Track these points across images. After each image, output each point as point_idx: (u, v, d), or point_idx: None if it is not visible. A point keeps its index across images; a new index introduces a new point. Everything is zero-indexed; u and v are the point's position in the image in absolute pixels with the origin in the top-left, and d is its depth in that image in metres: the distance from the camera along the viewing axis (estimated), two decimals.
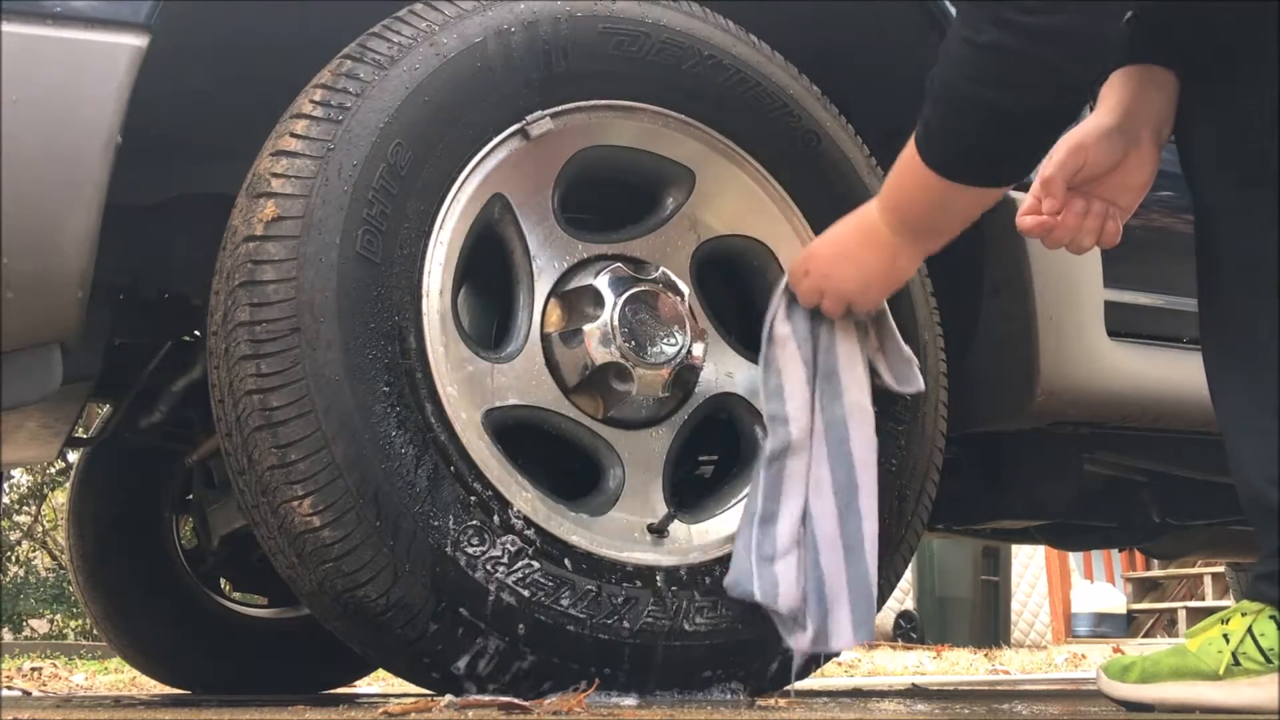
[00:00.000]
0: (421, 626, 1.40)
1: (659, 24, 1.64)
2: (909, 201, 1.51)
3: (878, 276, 1.58)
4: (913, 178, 1.48)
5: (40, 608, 9.10)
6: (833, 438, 1.59)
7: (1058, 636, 9.90)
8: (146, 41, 1.39)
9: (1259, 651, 1.41)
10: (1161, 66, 1.54)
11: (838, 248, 1.58)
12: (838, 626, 1.54)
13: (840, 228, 1.59)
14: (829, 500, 1.57)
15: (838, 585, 1.55)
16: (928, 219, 1.52)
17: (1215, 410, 1.51)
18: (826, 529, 1.56)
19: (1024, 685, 3.93)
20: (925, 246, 1.57)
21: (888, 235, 1.54)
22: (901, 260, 1.57)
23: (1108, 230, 1.51)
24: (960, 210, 1.51)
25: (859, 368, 1.62)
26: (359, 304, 1.41)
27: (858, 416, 1.60)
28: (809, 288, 1.60)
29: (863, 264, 1.57)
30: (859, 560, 1.57)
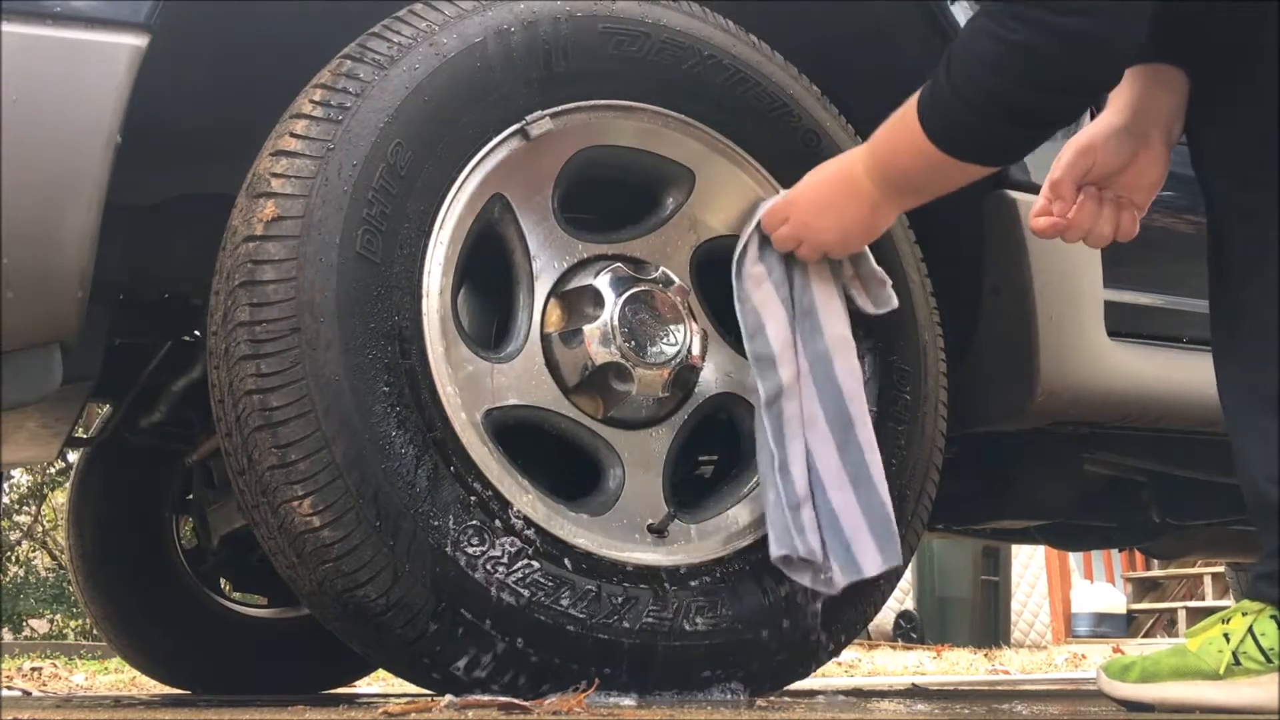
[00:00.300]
0: (421, 626, 1.40)
1: (659, 24, 1.64)
2: (899, 162, 1.53)
3: (857, 228, 1.60)
4: (908, 141, 1.50)
5: (40, 608, 9.10)
6: (819, 374, 1.61)
7: (1058, 636, 9.89)
8: (146, 41, 1.39)
9: (1259, 651, 1.41)
10: (1171, 66, 1.54)
11: (819, 197, 1.60)
12: (864, 555, 1.55)
13: (821, 178, 1.61)
14: (826, 437, 1.59)
15: (854, 518, 1.56)
16: (914, 181, 1.55)
17: (1223, 408, 1.51)
18: (829, 465, 1.57)
19: (1024, 685, 3.93)
20: (905, 203, 1.61)
21: (870, 188, 1.56)
22: (881, 214, 1.60)
23: (1124, 221, 1.51)
24: (948, 179, 1.55)
25: (835, 301, 1.65)
26: (359, 304, 1.41)
27: (840, 349, 1.62)
28: (786, 234, 1.62)
29: (843, 215, 1.59)
30: (869, 490, 1.58)
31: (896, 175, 1.55)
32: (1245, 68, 1.46)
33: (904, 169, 1.54)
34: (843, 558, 1.55)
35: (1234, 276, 1.48)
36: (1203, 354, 2.07)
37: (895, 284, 1.76)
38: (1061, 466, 2.37)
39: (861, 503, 1.57)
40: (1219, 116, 1.50)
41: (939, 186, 1.57)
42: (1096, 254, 1.97)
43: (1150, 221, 1.55)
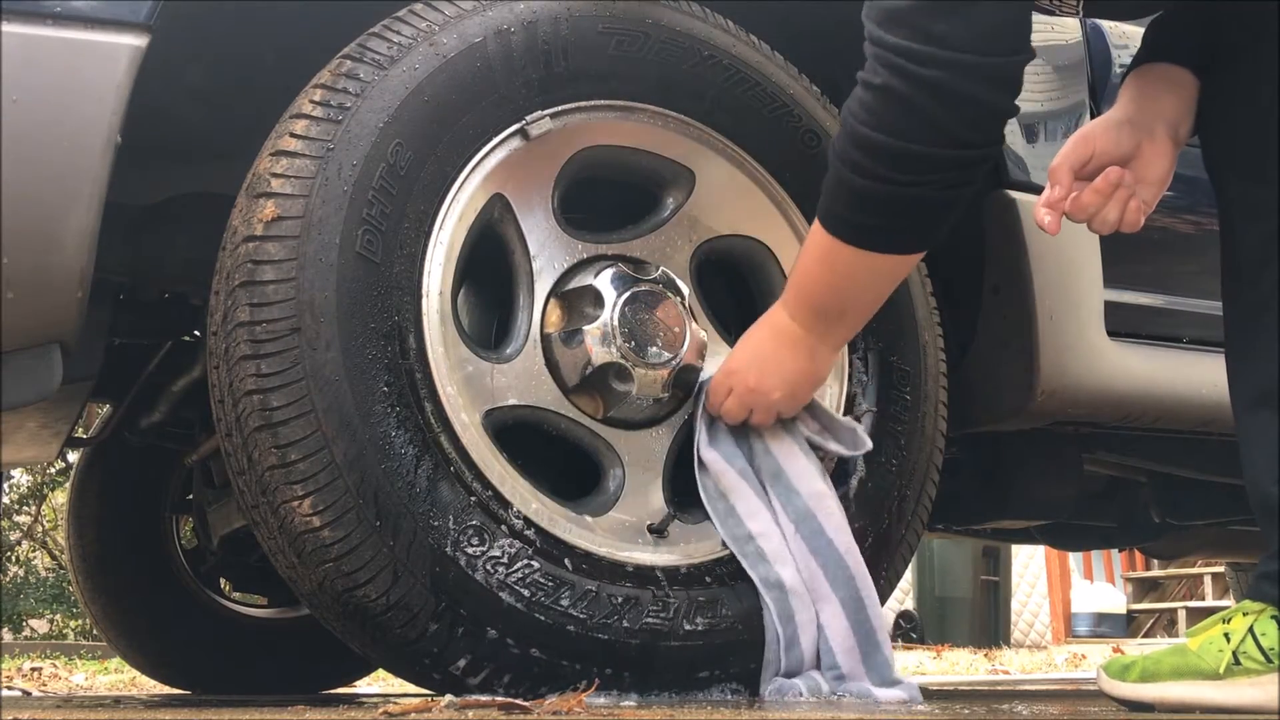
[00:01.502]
0: (421, 627, 1.40)
1: (659, 24, 1.64)
2: (814, 283, 1.54)
3: (801, 378, 1.60)
4: (815, 255, 1.51)
5: (40, 608, 9.10)
6: (806, 531, 1.58)
7: (1058, 636, 9.89)
8: (146, 41, 1.39)
9: (1260, 651, 1.41)
10: (1179, 66, 1.54)
11: (755, 359, 1.59)
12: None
13: (752, 341, 1.61)
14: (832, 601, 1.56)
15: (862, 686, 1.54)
16: (835, 300, 1.55)
17: (1232, 407, 1.51)
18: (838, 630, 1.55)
19: (1024, 685, 3.93)
20: (840, 335, 1.60)
21: (801, 334, 1.57)
22: (820, 357, 1.59)
23: (1130, 211, 1.51)
24: (867, 285, 1.54)
25: (800, 458, 1.62)
26: (359, 304, 1.41)
27: (820, 504, 1.59)
28: (735, 405, 1.60)
29: (784, 369, 1.58)
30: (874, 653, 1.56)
31: (816, 304, 1.55)
32: (1254, 66, 1.46)
33: (820, 292, 1.54)
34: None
35: (1246, 275, 1.48)
36: (1203, 354, 2.08)
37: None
38: (1061, 466, 2.37)
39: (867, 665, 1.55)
40: (1229, 115, 1.50)
41: (858, 299, 1.56)
42: (1097, 254, 1.98)
43: (1150, 221, 1.55)
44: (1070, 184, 1.49)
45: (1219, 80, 1.52)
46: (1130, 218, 1.51)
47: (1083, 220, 1.50)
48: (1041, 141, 1.96)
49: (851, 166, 1.44)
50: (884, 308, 1.74)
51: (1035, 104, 1.96)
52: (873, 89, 1.40)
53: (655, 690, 1.50)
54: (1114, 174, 1.48)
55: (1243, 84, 1.48)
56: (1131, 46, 2.09)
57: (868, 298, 1.57)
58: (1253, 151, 1.46)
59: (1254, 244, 1.46)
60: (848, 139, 1.44)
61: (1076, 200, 1.49)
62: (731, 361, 1.61)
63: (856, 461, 1.68)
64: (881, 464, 1.69)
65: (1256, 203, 1.46)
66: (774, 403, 1.60)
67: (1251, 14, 1.46)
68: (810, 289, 1.55)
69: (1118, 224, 1.51)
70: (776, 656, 1.54)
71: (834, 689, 1.53)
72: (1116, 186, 1.48)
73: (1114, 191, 1.48)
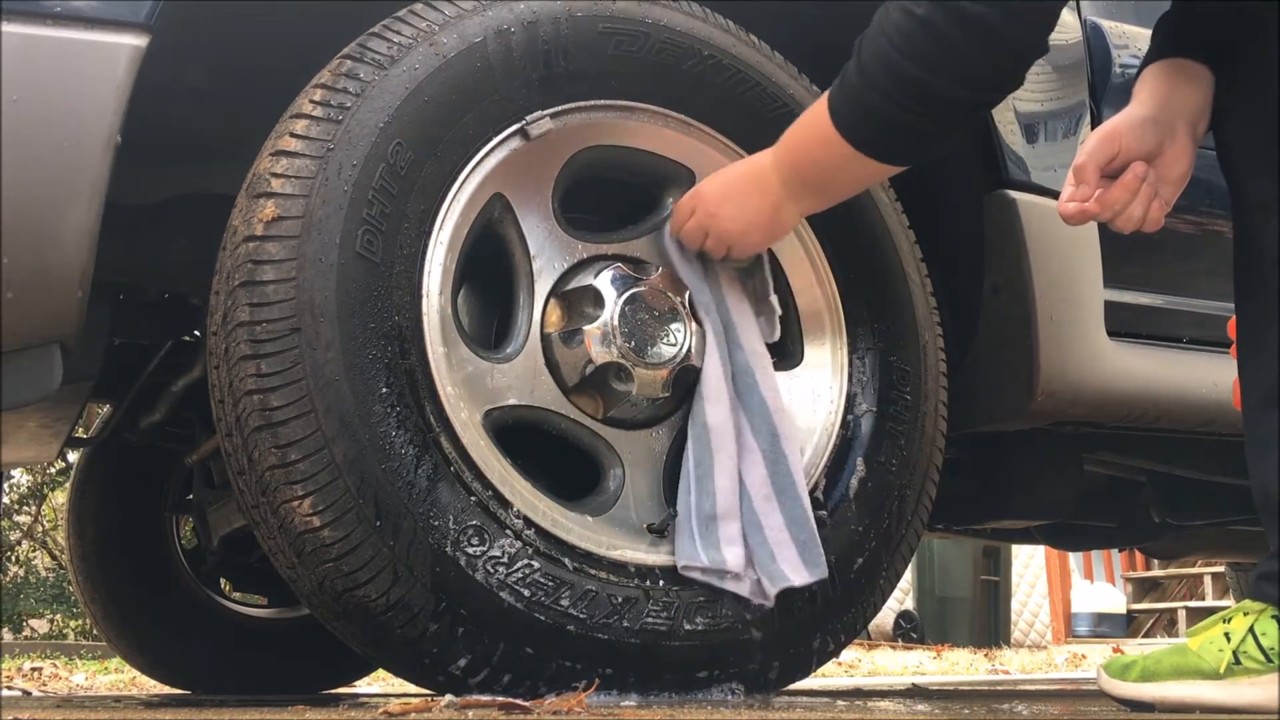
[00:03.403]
0: (421, 626, 1.40)
1: (659, 24, 1.64)
2: (804, 156, 1.57)
3: (759, 222, 1.61)
4: (814, 132, 1.54)
5: (40, 608, 9.10)
6: (741, 384, 1.62)
7: (1058, 636, 9.90)
8: (146, 41, 1.39)
9: (1260, 651, 1.41)
10: (1195, 60, 1.54)
11: (725, 189, 1.62)
12: (790, 567, 1.56)
13: (730, 172, 1.63)
14: (753, 449, 1.60)
15: (778, 530, 1.57)
16: (818, 177, 1.58)
17: (1243, 406, 1.51)
18: (756, 478, 1.59)
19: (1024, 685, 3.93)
20: (809, 204, 1.62)
21: (776, 184, 1.59)
22: (784, 212, 1.61)
23: (1153, 209, 1.51)
24: (851, 178, 1.59)
25: (749, 317, 1.66)
26: (359, 304, 1.41)
27: (759, 362, 1.64)
28: (694, 226, 1.63)
29: (746, 206, 1.60)
30: (792, 500, 1.59)
31: (801, 170, 1.58)
32: (1268, 62, 1.46)
33: (808, 163, 1.57)
34: (768, 567, 1.56)
35: (1260, 272, 1.47)
36: (1203, 354, 2.08)
37: (895, 283, 1.76)
38: (1061, 466, 2.37)
39: (785, 513, 1.58)
40: (1243, 111, 1.50)
41: (839, 186, 1.60)
42: (1096, 254, 1.98)
43: None
44: (1097, 182, 1.49)
45: (1233, 75, 1.51)
46: (1153, 215, 1.51)
47: (1108, 218, 1.50)
48: (1041, 141, 1.96)
49: (872, 84, 1.46)
50: (884, 308, 1.75)
51: (1035, 104, 1.96)
52: (913, 18, 1.42)
53: (655, 690, 1.50)
54: (1140, 169, 1.49)
55: (1257, 79, 1.47)
56: (1131, 46, 2.09)
57: (847, 187, 1.62)
58: (1266, 147, 1.46)
59: (1267, 240, 1.45)
60: (877, 60, 1.46)
61: (1103, 197, 1.49)
62: (703, 185, 1.64)
63: (856, 461, 1.68)
64: (881, 464, 1.69)
65: (1270, 198, 1.45)
66: (727, 233, 1.61)
67: (1265, 8, 1.45)
68: (800, 159, 1.58)
69: (1142, 221, 1.51)
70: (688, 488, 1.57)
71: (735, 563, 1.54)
72: (1142, 182, 1.48)
73: (1140, 187, 1.48)
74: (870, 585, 1.67)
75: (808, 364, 1.73)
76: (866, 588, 1.66)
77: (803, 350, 1.74)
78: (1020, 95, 1.93)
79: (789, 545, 1.57)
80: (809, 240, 1.73)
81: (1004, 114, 1.92)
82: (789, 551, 1.57)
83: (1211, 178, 1.61)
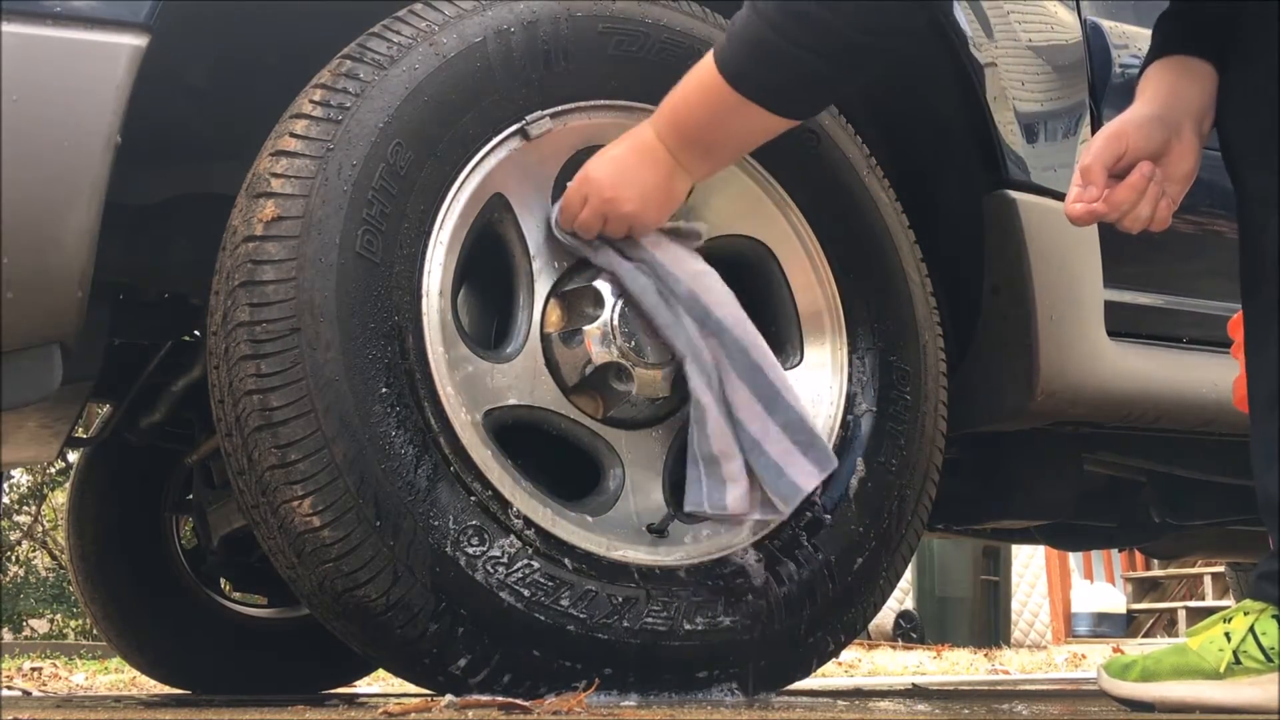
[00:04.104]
0: (421, 626, 1.40)
1: (659, 24, 1.64)
2: (689, 115, 1.53)
3: (655, 194, 1.57)
4: (700, 89, 1.51)
5: (40, 608, 9.10)
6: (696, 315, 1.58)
7: (1058, 636, 9.90)
8: (146, 41, 1.39)
9: (1260, 650, 1.41)
10: (1198, 58, 1.54)
11: (617, 170, 1.57)
12: (798, 472, 1.56)
13: (614, 151, 1.58)
14: (730, 372, 1.58)
15: (778, 441, 1.56)
16: (704, 136, 1.55)
17: (1249, 405, 1.50)
18: (742, 400, 1.57)
19: (1024, 685, 3.93)
20: (699, 168, 1.59)
21: (663, 152, 1.56)
22: (678, 181, 1.58)
23: (1161, 209, 1.50)
24: (739, 133, 1.55)
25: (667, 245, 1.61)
26: (359, 304, 1.41)
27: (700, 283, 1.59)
28: (590, 215, 1.57)
29: (640, 182, 1.56)
30: (782, 407, 1.58)
31: (686, 131, 1.54)
32: (1269, 58, 1.46)
33: (693, 123, 1.54)
34: (778, 484, 1.56)
35: (1265, 270, 1.47)
36: (1203, 354, 2.08)
37: (895, 283, 1.76)
38: (1061, 466, 2.37)
39: (779, 421, 1.57)
40: (1247, 108, 1.50)
41: (727, 142, 1.56)
42: (1096, 254, 1.98)
43: None
44: (1104, 182, 1.49)
45: (1237, 72, 1.51)
46: (1160, 215, 1.50)
47: (1115, 218, 1.50)
48: (1041, 141, 1.96)
49: (766, 22, 1.44)
50: (884, 308, 1.75)
51: (1035, 104, 1.96)
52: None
53: (655, 690, 1.50)
54: (1147, 168, 1.48)
55: (1261, 76, 1.47)
56: (1131, 46, 2.09)
57: (734, 144, 1.59)
58: (1268, 143, 1.45)
59: (1268, 238, 1.45)
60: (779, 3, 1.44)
61: (1110, 198, 1.48)
62: (588, 169, 1.58)
63: (856, 461, 1.68)
64: (881, 464, 1.69)
65: (1271, 194, 1.45)
66: (626, 215, 1.57)
67: (1267, 7, 1.45)
68: (684, 119, 1.54)
69: (1149, 221, 1.50)
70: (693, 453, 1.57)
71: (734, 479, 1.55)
72: (1149, 182, 1.48)
73: (1147, 187, 1.48)
74: (870, 585, 1.67)
75: (807, 364, 1.73)
76: (866, 588, 1.66)
77: (803, 350, 1.74)
78: (1020, 95, 1.93)
79: (793, 452, 1.57)
80: (809, 240, 1.73)
81: (1004, 114, 1.91)
82: (794, 458, 1.56)
83: (1212, 177, 1.61)
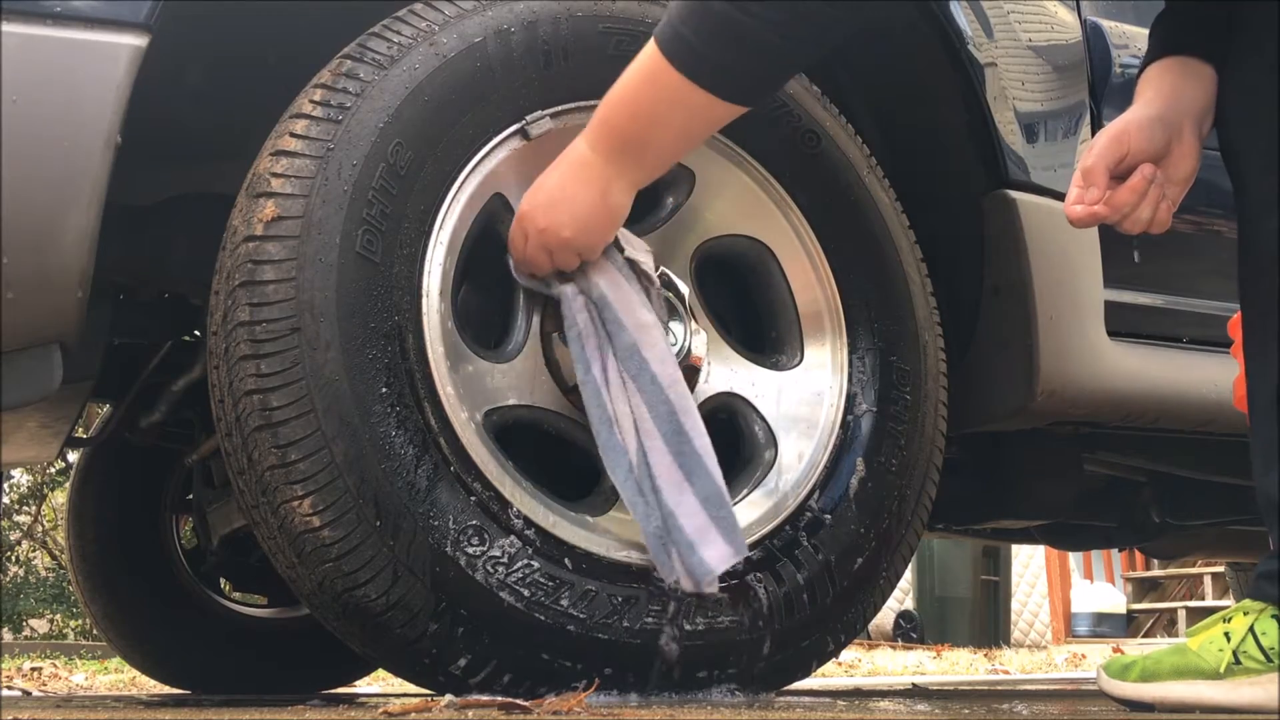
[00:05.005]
0: (421, 627, 1.40)
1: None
2: (623, 109, 1.47)
3: (594, 216, 1.50)
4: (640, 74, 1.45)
5: (40, 608, 9.10)
6: (632, 368, 1.52)
7: (1058, 636, 9.90)
8: (146, 41, 1.39)
9: (1260, 650, 1.41)
10: (1198, 58, 1.54)
11: (548, 197, 1.51)
12: (711, 550, 1.47)
13: (545, 177, 1.53)
14: (653, 433, 1.50)
15: (694, 517, 1.48)
16: (641, 129, 1.48)
17: (1248, 405, 1.50)
18: (662, 463, 1.49)
19: (1024, 685, 3.93)
20: (635, 174, 1.51)
21: (597, 165, 1.49)
22: (614, 194, 1.51)
23: (1161, 211, 1.50)
24: (676, 119, 1.47)
25: (625, 288, 1.55)
26: (359, 304, 1.41)
27: (645, 337, 1.52)
28: (535, 250, 1.51)
29: (575, 206, 1.50)
30: (703, 479, 1.49)
31: (622, 129, 1.48)
32: (1269, 58, 1.46)
33: (626, 117, 1.47)
34: (690, 560, 1.47)
35: (1264, 270, 1.47)
36: (1202, 354, 2.08)
37: (895, 283, 1.76)
38: (1061, 466, 2.37)
39: (699, 495, 1.49)
40: (1246, 107, 1.49)
41: (668, 137, 1.49)
42: (1096, 254, 1.98)
43: None
44: (1106, 184, 1.48)
45: (1237, 72, 1.51)
46: (1160, 217, 1.50)
47: (1116, 220, 1.50)
48: (1041, 141, 1.96)
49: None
50: (884, 308, 1.74)
51: (1035, 104, 1.96)
52: None
53: (655, 690, 1.50)
54: (1148, 170, 1.48)
55: (1261, 76, 1.47)
56: (1131, 46, 2.09)
57: (672, 137, 1.50)
58: (1268, 143, 1.45)
59: (1268, 238, 1.45)
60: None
61: (1111, 200, 1.48)
62: (524, 205, 1.52)
63: (856, 461, 1.68)
64: (881, 464, 1.69)
65: (1271, 195, 1.45)
66: (566, 241, 1.50)
67: (1266, 7, 1.45)
68: (620, 112, 1.48)
69: (1149, 223, 1.50)
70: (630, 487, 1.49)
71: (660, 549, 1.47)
72: (1150, 184, 1.48)
73: (1147, 189, 1.48)
74: (870, 585, 1.67)
75: (808, 364, 1.73)
76: (866, 588, 1.66)
77: (803, 350, 1.74)
78: (1020, 95, 1.93)
79: (709, 528, 1.48)
80: (809, 240, 1.73)
81: (1004, 114, 1.92)
82: (710, 534, 1.48)
83: (1212, 177, 1.61)
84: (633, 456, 1.50)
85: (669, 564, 1.48)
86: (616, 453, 1.50)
